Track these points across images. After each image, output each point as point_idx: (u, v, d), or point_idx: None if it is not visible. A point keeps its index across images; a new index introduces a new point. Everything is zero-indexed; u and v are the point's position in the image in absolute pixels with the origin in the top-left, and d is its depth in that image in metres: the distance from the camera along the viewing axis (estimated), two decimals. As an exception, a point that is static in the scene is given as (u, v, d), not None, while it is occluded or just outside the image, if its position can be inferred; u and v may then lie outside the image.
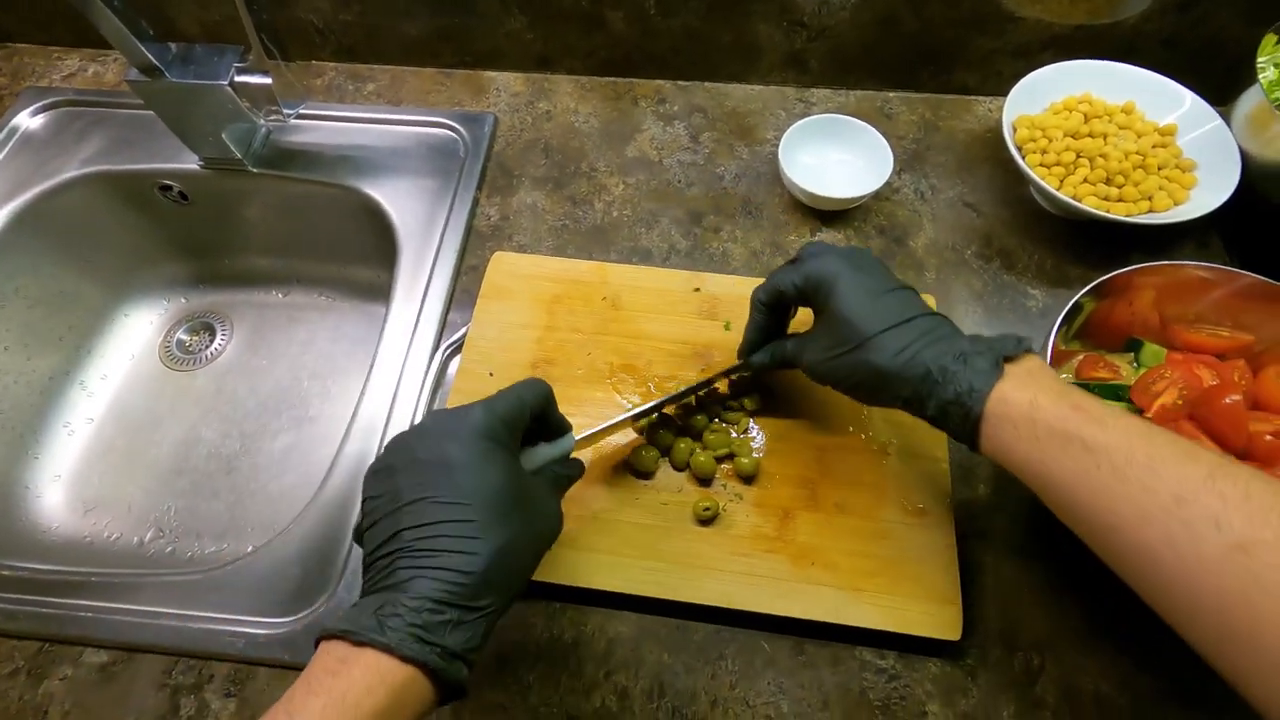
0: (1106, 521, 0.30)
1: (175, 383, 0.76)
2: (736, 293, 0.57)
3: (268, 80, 0.58)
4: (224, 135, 0.64)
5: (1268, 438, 0.44)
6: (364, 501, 0.35)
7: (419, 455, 0.34)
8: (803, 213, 0.64)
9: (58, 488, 0.69)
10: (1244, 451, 0.43)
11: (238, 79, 0.58)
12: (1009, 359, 0.35)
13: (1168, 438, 0.31)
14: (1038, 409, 0.33)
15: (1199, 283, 0.48)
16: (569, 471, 0.42)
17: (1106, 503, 0.30)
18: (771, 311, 0.45)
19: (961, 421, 0.35)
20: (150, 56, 0.56)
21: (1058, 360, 0.51)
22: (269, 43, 0.57)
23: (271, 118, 0.62)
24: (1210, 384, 0.46)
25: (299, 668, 0.45)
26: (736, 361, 0.49)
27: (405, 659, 0.30)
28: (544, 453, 0.41)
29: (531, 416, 0.38)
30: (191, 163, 0.68)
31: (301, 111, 0.69)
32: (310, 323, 0.79)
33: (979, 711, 0.43)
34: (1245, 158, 0.57)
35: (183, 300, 0.80)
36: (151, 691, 0.46)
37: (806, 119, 0.63)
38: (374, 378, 0.57)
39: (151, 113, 0.62)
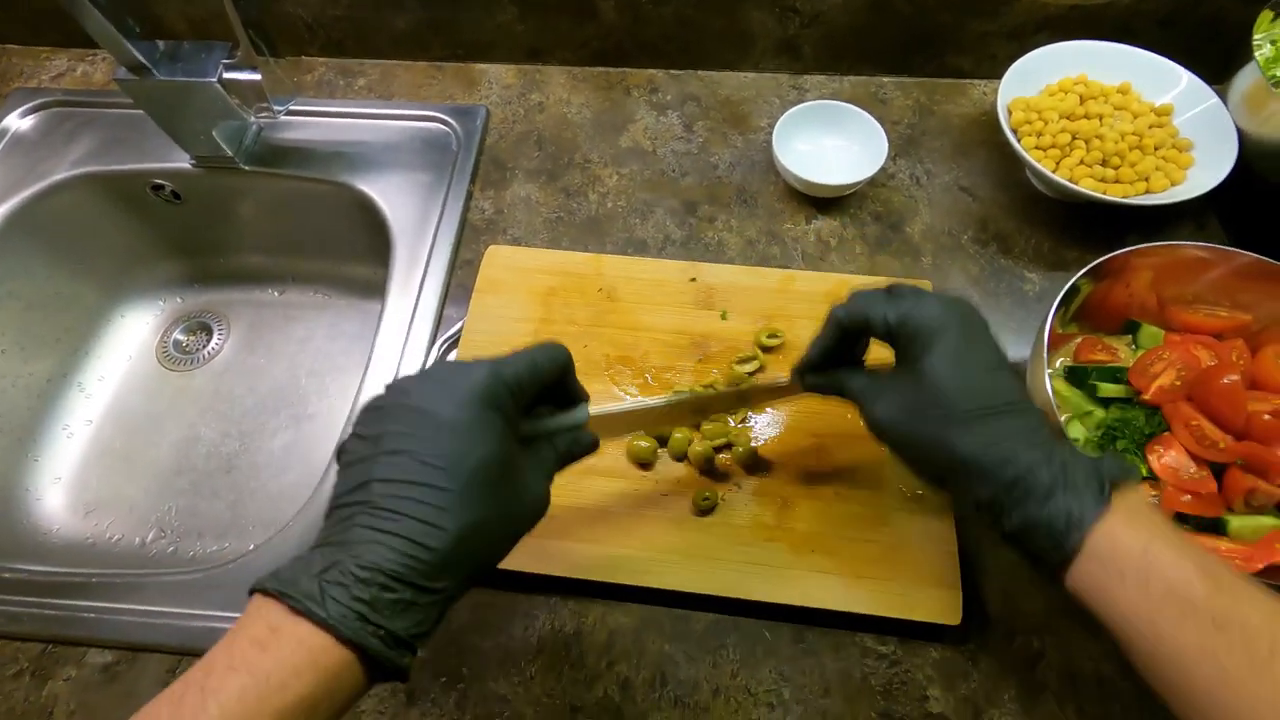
0: (1233, 714, 0.26)
1: (173, 383, 0.76)
2: (732, 282, 0.57)
3: (257, 77, 0.58)
4: (215, 133, 0.63)
5: (1266, 417, 0.44)
6: (350, 437, 0.32)
7: (413, 402, 0.31)
8: (798, 200, 0.64)
9: (58, 490, 0.69)
10: (1243, 431, 0.43)
11: (226, 76, 0.57)
12: (1116, 486, 0.30)
13: None
14: (1154, 560, 0.28)
15: (1196, 263, 0.48)
16: (576, 448, 0.38)
17: (1236, 699, 0.26)
18: (845, 335, 0.39)
19: (1051, 549, 0.30)
20: (138, 55, 0.55)
21: (1055, 344, 0.51)
22: (257, 39, 0.56)
23: (262, 114, 0.61)
24: (1208, 364, 0.46)
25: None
26: (785, 378, 0.44)
27: (343, 640, 0.26)
28: (553, 421, 0.37)
29: (543, 384, 0.35)
30: (183, 161, 0.68)
31: (292, 108, 0.68)
32: (307, 320, 0.78)
33: (980, 695, 0.43)
34: (1242, 136, 0.56)
35: (178, 300, 0.80)
36: (156, 690, 0.45)
37: (800, 106, 0.63)
38: (370, 374, 0.57)
39: (141, 112, 0.62)
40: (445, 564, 0.29)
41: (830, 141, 0.64)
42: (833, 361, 0.41)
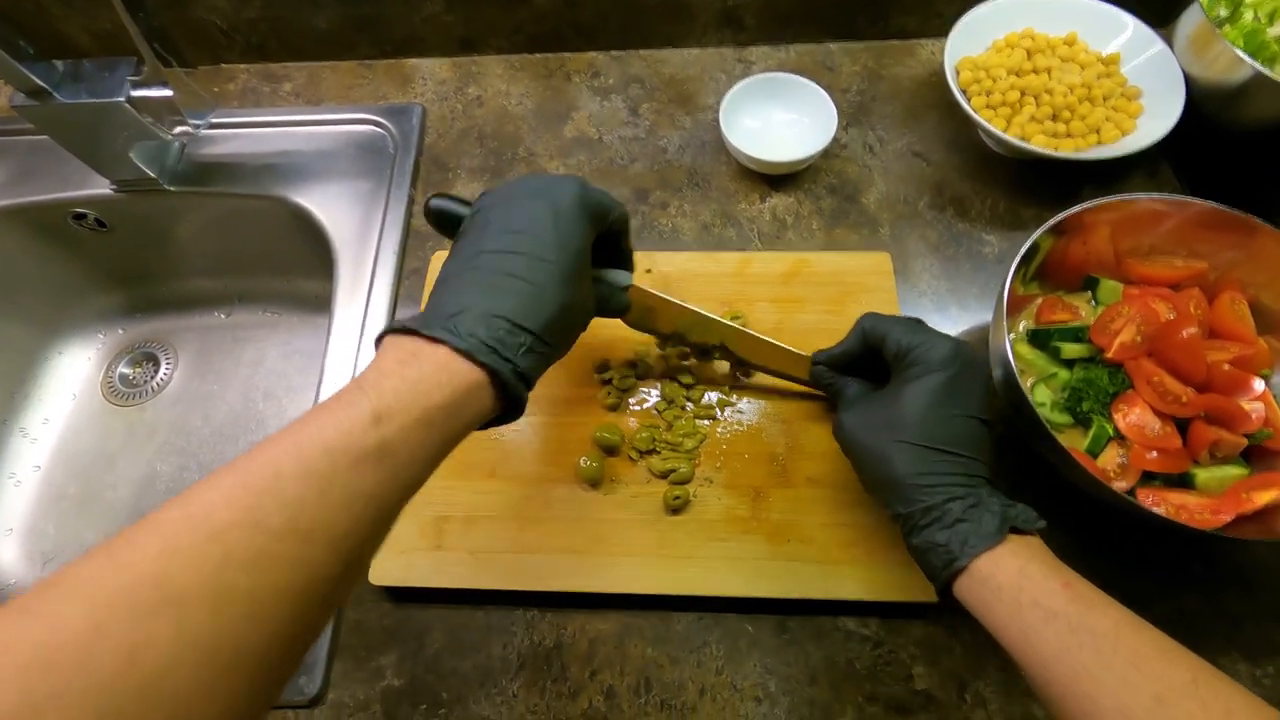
0: (1084, 708, 0.30)
1: (123, 418, 0.72)
2: (689, 269, 0.56)
3: (168, 92, 0.54)
4: (132, 155, 0.60)
5: (1226, 367, 0.44)
6: (456, 238, 0.37)
7: (514, 196, 0.35)
8: (751, 179, 0.62)
9: (11, 542, 0.66)
10: (1204, 383, 0.43)
11: (134, 93, 0.54)
12: (1017, 530, 0.34)
13: (1153, 634, 0.30)
14: (1026, 577, 0.32)
15: (1151, 215, 0.48)
16: (611, 301, 0.42)
17: (1086, 688, 0.30)
18: (866, 348, 0.42)
19: (942, 566, 0.35)
20: (34, 78, 0.52)
21: (1016, 306, 0.50)
22: (163, 50, 0.53)
23: (179, 131, 0.58)
24: (1167, 318, 0.45)
25: (287, 705, 0.44)
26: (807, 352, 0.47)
27: (478, 363, 0.30)
28: (600, 271, 0.41)
29: (610, 225, 0.38)
30: (103, 187, 0.64)
31: (214, 120, 0.65)
32: (257, 341, 0.75)
33: (964, 668, 0.43)
34: (1189, 80, 0.56)
35: (119, 331, 0.76)
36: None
37: (746, 80, 0.61)
38: (324, 393, 0.55)
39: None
40: (553, 323, 0.33)
41: (779, 115, 0.62)
42: (849, 369, 0.44)
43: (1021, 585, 0.32)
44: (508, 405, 0.33)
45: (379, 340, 0.32)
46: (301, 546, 0.25)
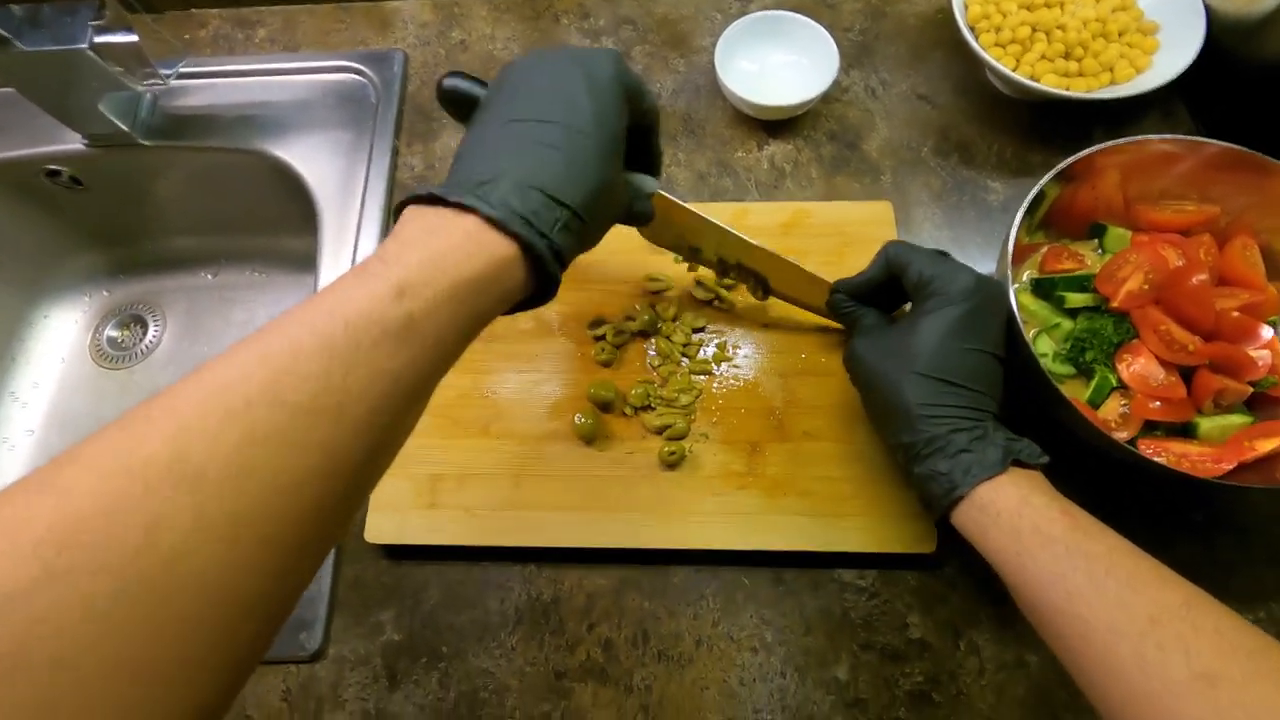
0: (1077, 629, 0.30)
1: (114, 381, 0.72)
2: (684, 221, 0.54)
3: (133, 38, 0.51)
4: (102, 107, 0.57)
5: (1235, 314, 0.42)
6: (473, 118, 0.33)
7: (545, 64, 0.32)
8: (748, 125, 0.59)
9: (9, 505, 0.66)
10: (1212, 331, 0.42)
11: (98, 40, 0.51)
12: (1020, 464, 0.35)
13: (1147, 559, 0.31)
14: (1027, 504, 0.33)
15: (1164, 157, 0.46)
16: (634, 207, 0.39)
17: (1081, 609, 0.30)
18: (890, 278, 0.41)
19: (942, 494, 0.35)
20: (-9, 23, 0.49)
21: (1021, 255, 0.49)
22: (125, -7, 0.50)
23: (149, 81, 0.55)
24: (1176, 265, 0.44)
25: (289, 660, 0.45)
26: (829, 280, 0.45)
27: (510, 233, 0.28)
28: (627, 175, 0.38)
29: (643, 114, 0.35)
30: (75, 142, 0.61)
31: (186, 70, 0.62)
32: (247, 301, 0.74)
33: (959, 618, 0.44)
34: (1210, 13, 0.53)
35: (105, 293, 0.75)
36: None
37: (742, 19, 0.58)
38: (314, 356, 0.54)
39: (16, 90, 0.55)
40: (589, 201, 0.30)
41: (777, 57, 0.60)
42: (872, 295, 0.43)
43: (1021, 512, 0.33)
44: (539, 285, 0.30)
45: (398, 210, 0.29)
46: (326, 426, 0.23)
